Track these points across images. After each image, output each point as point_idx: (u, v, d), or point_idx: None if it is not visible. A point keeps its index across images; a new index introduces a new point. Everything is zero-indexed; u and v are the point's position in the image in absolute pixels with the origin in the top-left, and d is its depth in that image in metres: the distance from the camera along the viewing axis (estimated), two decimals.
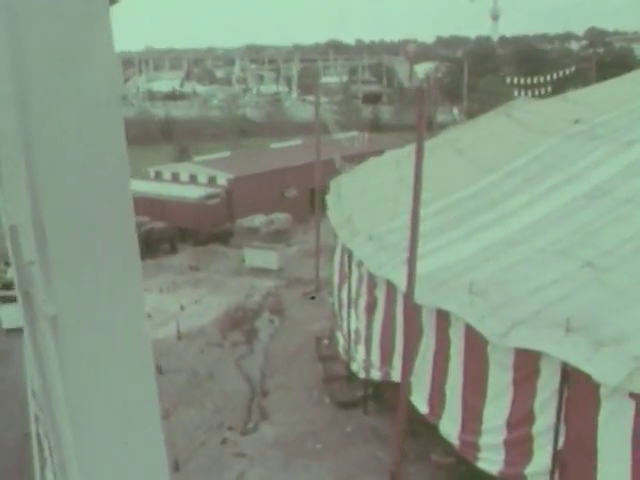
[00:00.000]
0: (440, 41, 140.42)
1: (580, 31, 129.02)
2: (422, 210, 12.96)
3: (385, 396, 13.13)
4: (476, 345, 9.33)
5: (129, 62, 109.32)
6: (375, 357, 12.34)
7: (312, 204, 29.16)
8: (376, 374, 12.38)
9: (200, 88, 72.12)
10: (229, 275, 21.73)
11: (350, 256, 13.64)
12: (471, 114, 50.75)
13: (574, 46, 69.44)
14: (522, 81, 28.33)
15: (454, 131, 21.59)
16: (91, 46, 0.91)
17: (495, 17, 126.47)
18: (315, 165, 28.77)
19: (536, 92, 29.05)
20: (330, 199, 17.41)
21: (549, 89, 29.11)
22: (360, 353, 13.03)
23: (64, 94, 0.91)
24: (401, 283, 10.60)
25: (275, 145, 31.69)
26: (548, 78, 28.29)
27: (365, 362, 12.76)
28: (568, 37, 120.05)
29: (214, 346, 16.44)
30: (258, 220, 24.82)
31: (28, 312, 1.28)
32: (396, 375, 11.56)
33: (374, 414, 13.15)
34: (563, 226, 10.62)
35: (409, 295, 9.75)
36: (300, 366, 15.24)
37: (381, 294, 11.88)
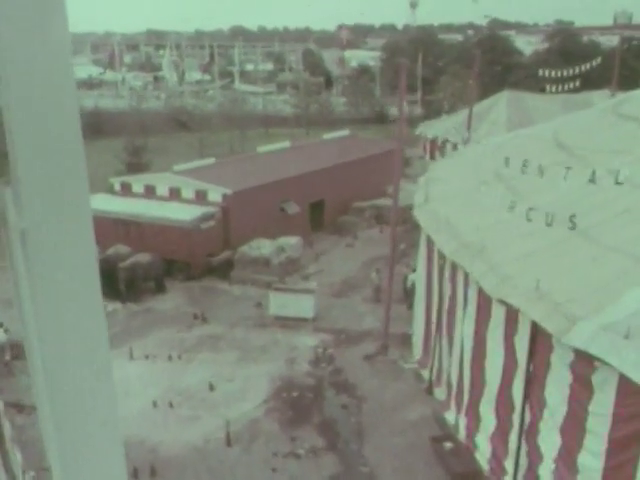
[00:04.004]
0: (345, 29, 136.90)
1: (482, 22, 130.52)
2: None
3: None
4: None
5: None
6: None
7: (314, 220, 24.24)
8: None
9: (128, 75, 64.50)
10: (250, 328, 16.55)
11: (544, 347, 9.04)
12: (435, 107, 46.76)
13: (514, 36, 67.42)
14: (553, 74, 24.62)
15: (547, 130, 16.80)
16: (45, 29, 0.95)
17: (414, 5, 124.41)
18: (312, 175, 23.78)
19: (566, 86, 25.62)
20: (437, 234, 12.65)
21: (577, 83, 25.72)
22: None
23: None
24: None
25: (262, 149, 26.24)
26: (577, 71, 24.82)
27: None
28: (472, 27, 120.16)
29: (286, 457, 11.45)
30: (266, 247, 19.53)
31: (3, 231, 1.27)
32: None
33: None
34: None
35: None
36: None
37: None
